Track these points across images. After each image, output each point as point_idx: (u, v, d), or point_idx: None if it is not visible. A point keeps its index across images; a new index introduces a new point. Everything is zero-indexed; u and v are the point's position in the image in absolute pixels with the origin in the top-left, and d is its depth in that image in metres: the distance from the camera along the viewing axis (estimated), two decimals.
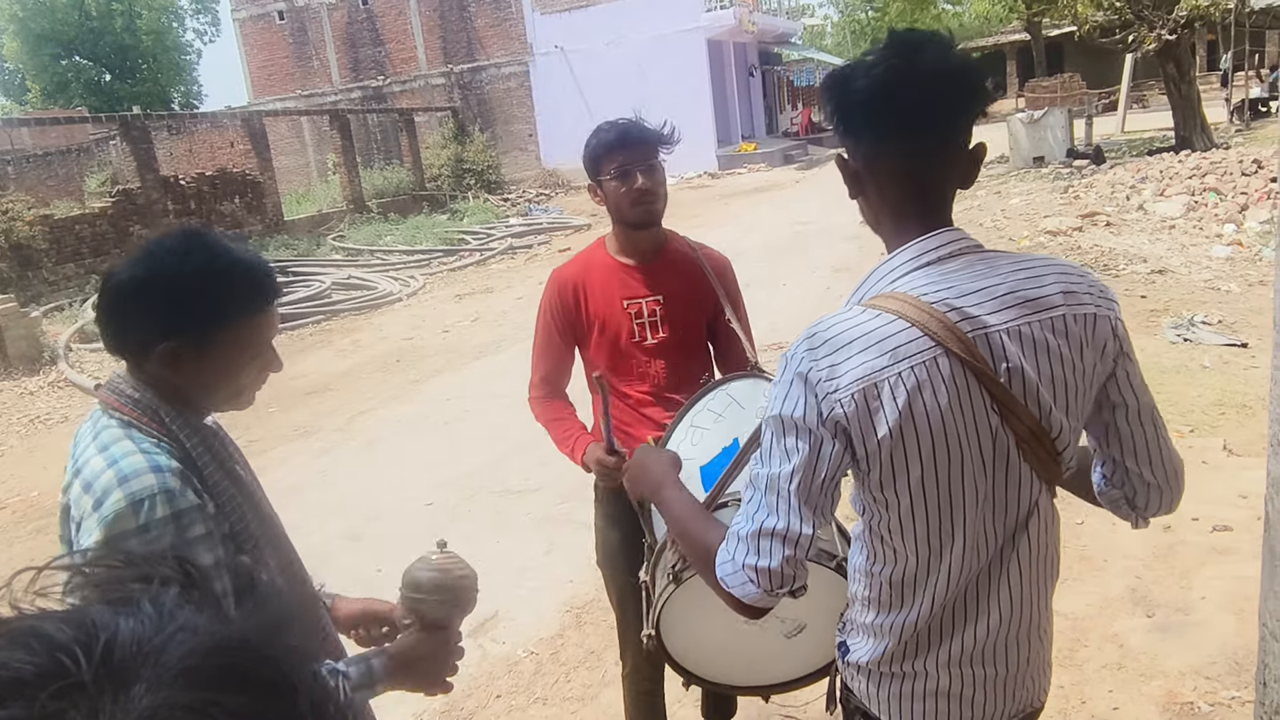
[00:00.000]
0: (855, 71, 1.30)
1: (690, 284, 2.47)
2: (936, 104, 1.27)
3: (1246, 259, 8.90)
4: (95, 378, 9.08)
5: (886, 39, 1.30)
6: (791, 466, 1.26)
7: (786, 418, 1.26)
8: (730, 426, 2.13)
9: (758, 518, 1.28)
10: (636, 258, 2.46)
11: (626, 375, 2.47)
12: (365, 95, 30.15)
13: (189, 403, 1.45)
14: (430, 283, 13.96)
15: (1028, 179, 16.55)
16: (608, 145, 2.35)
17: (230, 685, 0.44)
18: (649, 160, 2.33)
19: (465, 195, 23.20)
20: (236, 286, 1.40)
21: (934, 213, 1.35)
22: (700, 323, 2.52)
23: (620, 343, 2.44)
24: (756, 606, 1.31)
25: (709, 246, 2.60)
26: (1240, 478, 4.27)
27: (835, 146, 1.97)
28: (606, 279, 2.45)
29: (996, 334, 1.26)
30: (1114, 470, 1.44)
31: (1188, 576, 3.61)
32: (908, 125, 1.28)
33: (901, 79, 1.26)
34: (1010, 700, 1.45)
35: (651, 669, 2.60)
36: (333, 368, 9.36)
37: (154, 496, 1.29)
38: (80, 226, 14.34)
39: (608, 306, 2.44)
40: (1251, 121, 21.10)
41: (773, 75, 34.53)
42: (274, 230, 17.97)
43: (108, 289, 1.38)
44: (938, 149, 1.31)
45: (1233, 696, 2.88)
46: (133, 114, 16.99)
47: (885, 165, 1.33)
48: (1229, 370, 5.90)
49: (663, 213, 2.41)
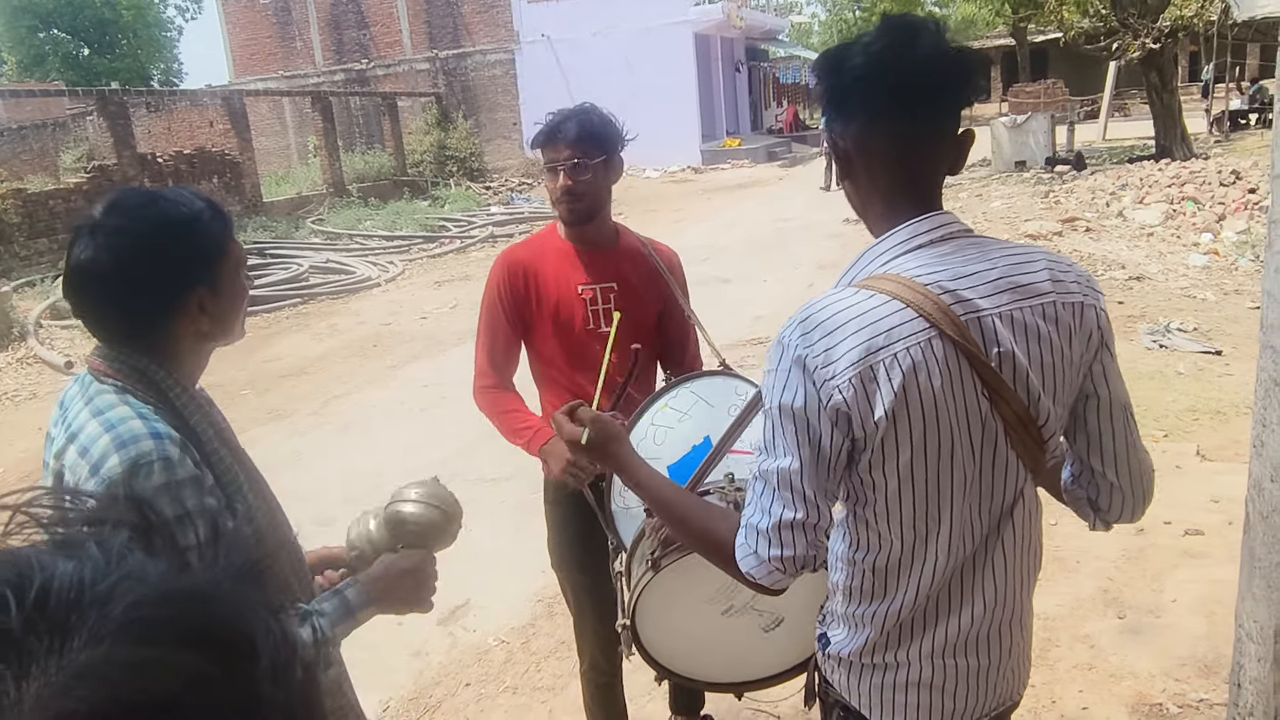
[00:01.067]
0: (852, 50, 1.29)
1: (642, 275, 2.44)
2: (931, 86, 1.26)
3: (1223, 268, 8.99)
4: (66, 355, 8.95)
5: (883, 22, 1.29)
6: (800, 460, 1.25)
7: (786, 407, 1.25)
8: (698, 425, 2.10)
9: (774, 511, 1.27)
10: (586, 245, 2.41)
11: (580, 364, 2.40)
12: (348, 78, 29.87)
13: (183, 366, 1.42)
14: (409, 269, 13.86)
15: (1009, 182, 16.65)
16: (540, 139, 2.32)
17: (180, 640, 0.39)
18: (574, 159, 2.27)
19: (447, 182, 23.06)
20: (214, 217, 1.39)
21: (925, 196, 1.34)
22: (652, 314, 2.48)
23: (575, 329, 2.38)
24: (780, 589, 1.34)
25: (658, 241, 2.57)
26: (1212, 482, 4.30)
27: (819, 145, 1.95)
28: (560, 263, 2.40)
29: (989, 318, 1.25)
30: (1080, 469, 1.42)
31: (1159, 579, 3.63)
32: (901, 105, 1.27)
33: (899, 57, 1.25)
34: (990, 693, 1.43)
35: (608, 663, 2.57)
36: (309, 351, 9.27)
37: (152, 463, 1.26)
38: (54, 202, 14.12)
39: (562, 291, 2.38)
40: (1231, 133, 21.33)
41: (759, 71, 34.54)
42: (252, 212, 17.78)
43: (97, 265, 1.31)
44: (929, 131, 1.30)
45: (1201, 699, 2.89)
46: (111, 89, 16.78)
47: (877, 145, 1.31)
48: (1203, 377, 5.95)
49: (596, 212, 2.35)
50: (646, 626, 1.92)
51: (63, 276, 1.37)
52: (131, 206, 1.35)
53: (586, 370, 2.39)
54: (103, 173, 15.15)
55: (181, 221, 1.35)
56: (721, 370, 2.35)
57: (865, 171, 1.34)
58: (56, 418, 1.38)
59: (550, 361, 2.45)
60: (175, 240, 1.33)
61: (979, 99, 1.37)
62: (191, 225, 1.35)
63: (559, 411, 1.63)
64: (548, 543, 2.59)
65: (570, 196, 2.29)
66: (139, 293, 1.33)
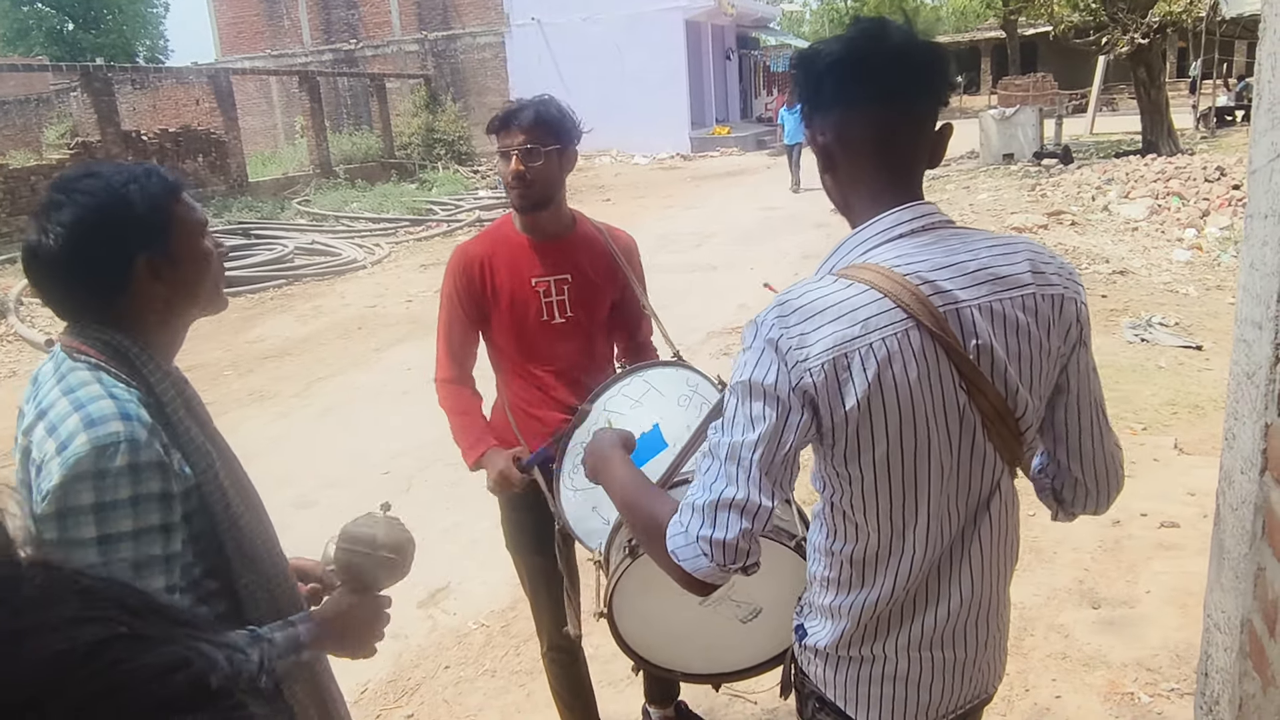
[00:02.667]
0: (826, 44, 1.32)
1: (597, 264, 2.44)
2: (905, 74, 1.29)
3: (1205, 263, 9.05)
4: (46, 332, 8.88)
5: (854, 20, 1.33)
6: (756, 435, 1.23)
7: (756, 383, 1.24)
8: (649, 412, 2.13)
9: (715, 487, 1.24)
10: (541, 235, 2.40)
11: (533, 356, 2.42)
12: (336, 58, 29.63)
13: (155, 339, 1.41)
14: (396, 251, 13.80)
15: (996, 175, 16.70)
16: (495, 125, 2.32)
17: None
18: (528, 144, 2.26)
19: (435, 165, 22.95)
20: (151, 182, 1.37)
21: (906, 186, 1.34)
22: (605, 303, 2.49)
23: (528, 321, 2.38)
24: (706, 582, 1.28)
25: (616, 228, 2.57)
26: (1189, 475, 4.34)
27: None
28: (514, 255, 2.39)
29: (968, 309, 1.25)
30: (1047, 460, 1.44)
31: (1134, 570, 3.67)
32: (877, 92, 1.29)
33: (872, 47, 1.28)
34: (966, 686, 1.44)
35: (566, 642, 2.59)
36: (292, 333, 9.22)
37: (119, 444, 1.25)
38: (36, 178, 13.97)
39: (516, 284, 2.38)
40: (1217, 129, 21.44)
41: (749, 59, 34.44)
42: (238, 191, 17.66)
43: (39, 245, 1.31)
44: (906, 120, 1.31)
45: (1172, 688, 2.93)
46: (95, 65, 16.57)
47: (856, 134, 1.32)
48: (1183, 371, 6.00)
49: (548, 200, 2.34)
50: (624, 615, 1.92)
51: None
52: (67, 182, 1.35)
53: (538, 361, 2.43)
54: (86, 149, 15.01)
55: (111, 190, 1.33)
56: (675, 361, 2.40)
57: (846, 162, 1.35)
58: (29, 393, 1.37)
59: (504, 352, 2.46)
60: (105, 210, 1.32)
61: (950, 93, 1.39)
62: (122, 193, 1.33)
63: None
64: (501, 526, 2.61)
65: (521, 183, 2.28)
66: (78, 266, 1.33)
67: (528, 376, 2.44)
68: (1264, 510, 1.34)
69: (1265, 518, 1.34)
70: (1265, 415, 1.32)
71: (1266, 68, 1.31)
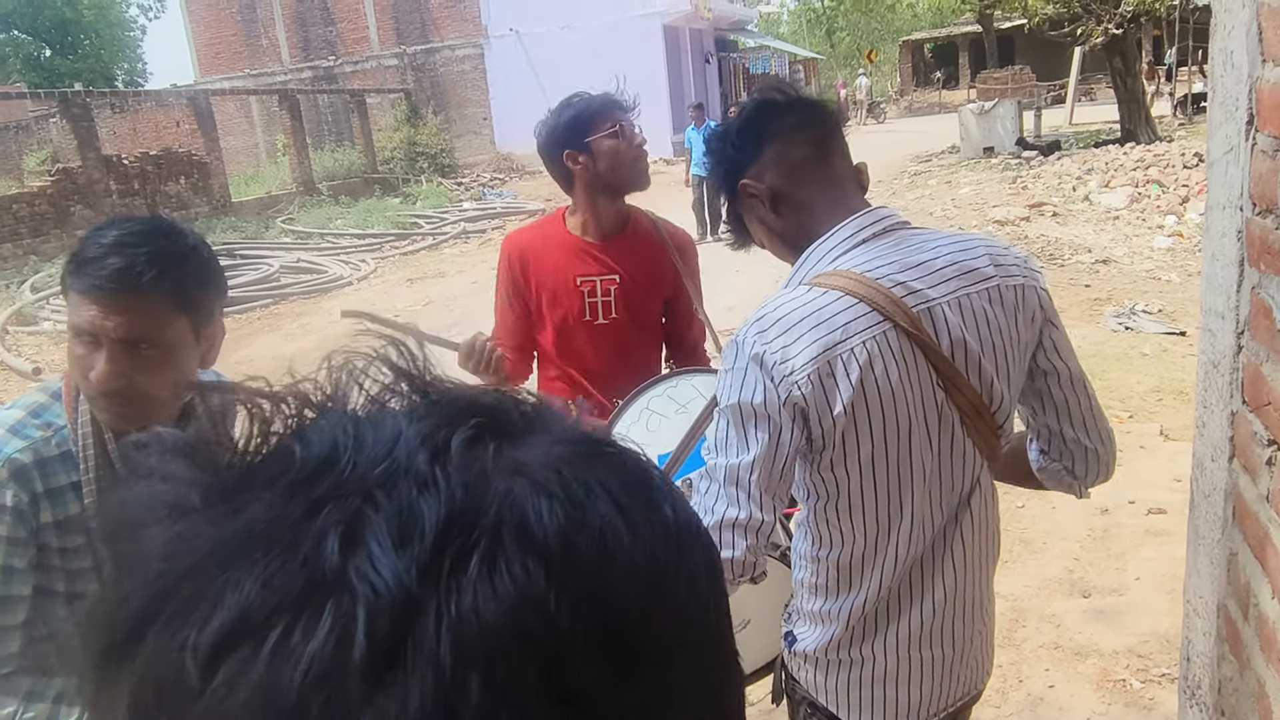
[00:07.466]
0: (735, 115, 1.46)
1: (649, 263, 2.41)
2: (814, 108, 1.42)
3: (1187, 250, 9.11)
4: (33, 361, 8.85)
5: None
6: (752, 456, 1.24)
7: (745, 405, 1.25)
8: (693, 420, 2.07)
9: (718, 509, 1.26)
10: (598, 234, 2.37)
11: (571, 353, 2.41)
12: (316, 75, 29.59)
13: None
14: (382, 267, 13.77)
15: (978, 169, 16.77)
16: (598, 106, 2.29)
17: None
18: (635, 125, 2.31)
19: (418, 179, 22.91)
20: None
21: (855, 195, 1.40)
22: (656, 304, 2.46)
23: (569, 320, 2.37)
24: None
25: (672, 223, 2.53)
26: (1176, 462, 4.38)
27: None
28: (560, 254, 2.37)
29: (939, 307, 1.28)
30: (1050, 441, 1.46)
31: (1123, 558, 3.70)
32: (798, 121, 1.40)
33: (780, 94, 1.43)
34: (955, 684, 1.46)
35: None
36: (280, 351, 9.21)
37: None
38: (18, 206, 13.92)
39: (558, 282, 2.36)
40: (1194, 116, 21.57)
41: (728, 62, 34.53)
42: (221, 212, 17.61)
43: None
44: (832, 136, 1.42)
45: (1163, 673, 2.96)
46: (73, 91, 16.50)
47: (796, 156, 1.39)
48: (1167, 358, 6.04)
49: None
50: None
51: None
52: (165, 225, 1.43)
53: (579, 359, 2.41)
54: (67, 175, 14.95)
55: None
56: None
57: (794, 188, 1.40)
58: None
59: (543, 348, 2.46)
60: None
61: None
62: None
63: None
64: None
65: (646, 155, 2.34)
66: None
67: (567, 375, 2.42)
68: (1234, 497, 1.36)
69: (1235, 504, 1.36)
70: (1230, 404, 1.35)
71: (1219, 63, 1.34)
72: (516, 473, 0.33)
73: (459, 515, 0.31)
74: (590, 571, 0.32)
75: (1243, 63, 1.23)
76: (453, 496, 0.32)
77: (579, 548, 0.32)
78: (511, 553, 0.31)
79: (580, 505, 0.33)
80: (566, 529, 0.32)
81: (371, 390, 0.38)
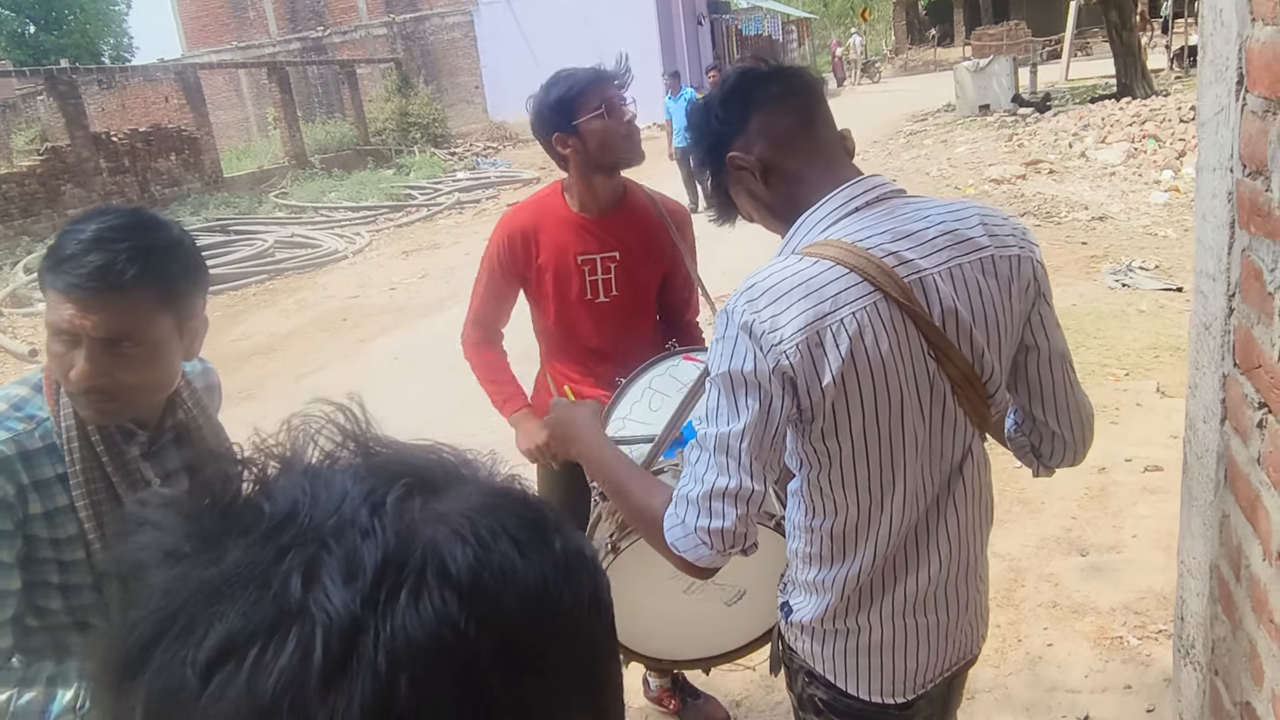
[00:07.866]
0: (717, 86, 1.46)
1: (647, 238, 2.40)
2: (798, 76, 1.42)
3: (1183, 204, 9.06)
4: (29, 343, 8.84)
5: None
6: (743, 424, 1.24)
7: (736, 373, 1.25)
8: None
9: (708, 479, 1.26)
10: (595, 210, 2.35)
11: (576, 333, 2.41)
12: (304, 47, 29.25)
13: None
14: (376, 239, 13.73)
15: (974, 127, 16.65)
16: (588, 83, 2.24)
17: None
18: (625, 99, 2.27)
19: (411, 149, 22.75)
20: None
21: (844, 164, 1.39)
22: (654, 279, 2.45)
23: (570, 298, 2.37)
24: (708, 568, 1.31)
25: (669, 197, 2.52)
26: (1172, 419, 4.39)
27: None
28: (561, 232, 2.35)
29: (930, 276, 1.27)
30: (1023, 418, 1.47)
31: (1120, 516, 3.72)
32: (782, 90, 1.39)
33: (757, 66, 1.43)
34: (951, 649, 1.47)
35: None
36: (276, 328, 9.20)
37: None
38: (8, 186, 13.82)
39: (560, 261, 2.35)
40: (1190, 69, 21.37)
41: (721, 24, 34.16)
42: (213, 188, 17.49)
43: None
44: (817, 106, 1.41)
45: (1160, 630, 2.98)
46: (59, 68, 16.34)
47: (783, 125, 1.38)
48: (1164, 314, 6.04)
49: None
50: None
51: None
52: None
53: (582, 338, 2.40)
54: (56, 154, 14.82)
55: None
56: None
57: (783, 158, 1.38)
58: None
59: (547, 328, 2.46)
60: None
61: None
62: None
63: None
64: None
65: (637, 132, 2.28)
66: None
67: (570, 353, 2.42)
68: (1225, 459, 1.37)
69: (1227, 466, 1.36)
70: (1222, 366, 1.35)
71: (1209, 21, 1.32)
72: (439, 521, 0.43)
73: (393, 558, 0.40)
74: (493, 597, 0.41)
75: (1232, 21, 1.22)
76: (388, 543, 0.41)
77: (485, 580, 0.41)
78: (433, 586, 0.40)
79: (486, 546, 0.42)
80: (475, 566, 0.41)
81: (325, 448, 0.48)
